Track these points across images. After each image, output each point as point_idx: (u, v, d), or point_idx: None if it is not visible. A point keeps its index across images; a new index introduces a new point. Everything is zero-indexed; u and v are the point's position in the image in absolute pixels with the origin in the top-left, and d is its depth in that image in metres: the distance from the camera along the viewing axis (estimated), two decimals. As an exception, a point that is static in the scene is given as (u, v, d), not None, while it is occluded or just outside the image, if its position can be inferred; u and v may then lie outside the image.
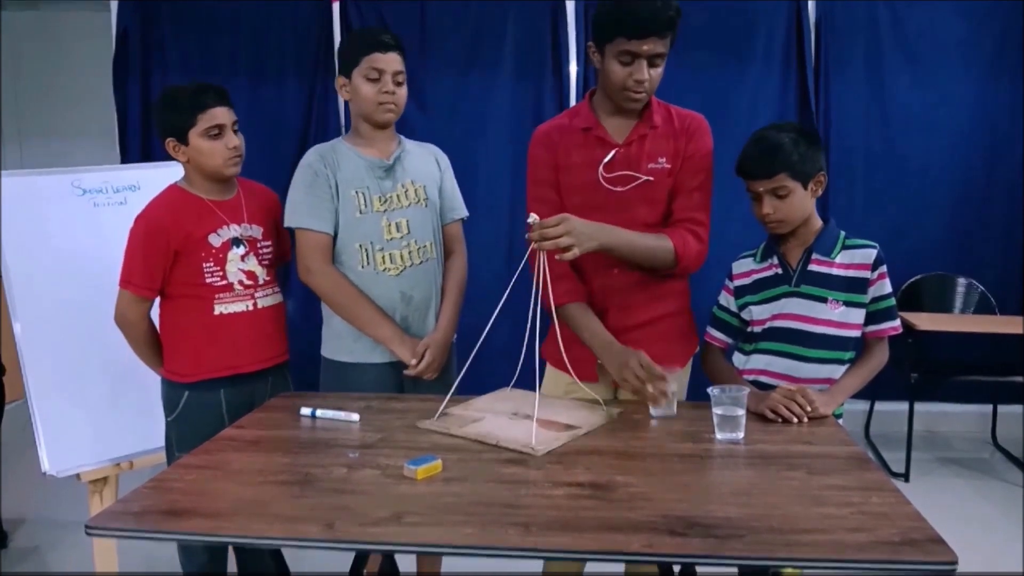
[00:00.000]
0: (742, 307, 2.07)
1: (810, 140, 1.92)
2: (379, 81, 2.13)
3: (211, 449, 1.72)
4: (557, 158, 2.03)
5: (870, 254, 1.93)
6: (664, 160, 1.98)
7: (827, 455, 1.63)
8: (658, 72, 1.89)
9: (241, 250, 2.15)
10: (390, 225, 2.19)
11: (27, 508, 3.39)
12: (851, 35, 3.98)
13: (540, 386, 2.05)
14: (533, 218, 1.77)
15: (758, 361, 2.02)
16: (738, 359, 2.09)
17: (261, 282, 2.20)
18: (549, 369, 2.15)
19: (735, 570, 1.64)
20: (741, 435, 1.72)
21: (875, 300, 1.94)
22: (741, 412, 1.72)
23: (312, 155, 2.19)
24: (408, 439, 1.76)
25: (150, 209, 2.12)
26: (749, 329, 2.07)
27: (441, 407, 1.92)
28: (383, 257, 2.18)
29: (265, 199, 2.26)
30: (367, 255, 2.17)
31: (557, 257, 1.77)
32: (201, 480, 1.55)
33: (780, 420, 1.81)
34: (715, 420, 1.73)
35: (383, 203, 2.19)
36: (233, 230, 2.15)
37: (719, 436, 1.72)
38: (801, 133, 1.92)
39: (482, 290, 2.34)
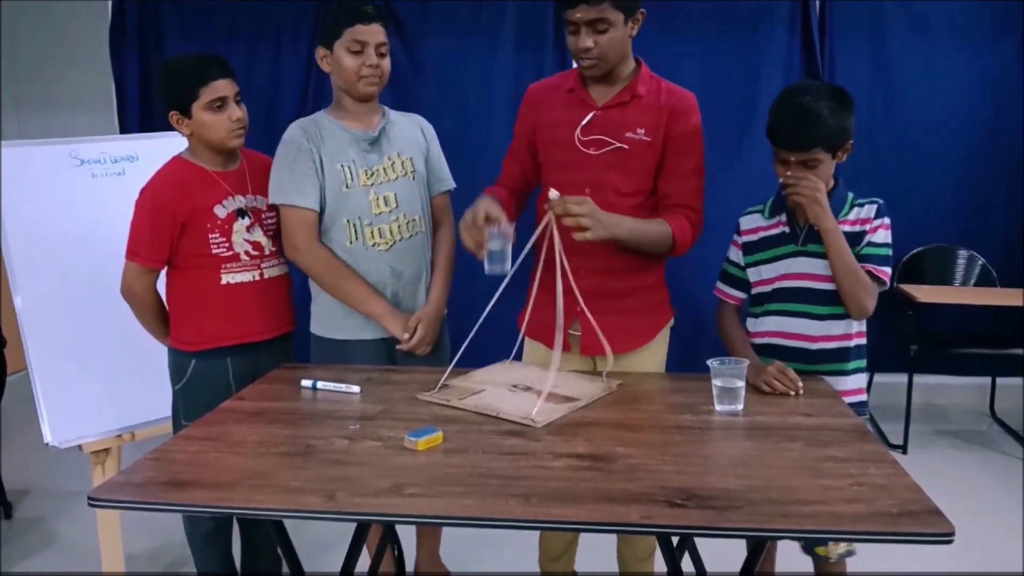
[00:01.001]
0: (749, 265, 2.05)
1: (844, 106, 1.87)
2: (362, 54, 2.09)
3: (212, 420, 1.73)
4: (539, 115, 2.10)
5: (871, 209, 1.94)
6: (643, 132, 1.98)
7: (826, 427, 1.64)
8: (608, 39, 1.90)
9: (246, 221, 2.15)
10: (377, 199, 2.16)
11: (31, 479, 3.41)
12: (856, 4, 3.94)
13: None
14: (554, 194, 1.78)
15: (769, 323, 2.01)
16: (750, 323, 2.07)
17: (267, 252, 2.20)
18: (527, 341, 2.18)
19: (732, 539, 1.65)
20: (740, 407, 1.72)
21: (867, 245, 1.93)
22: (740, 384, 1.72)
23: (294, 130, 2.16)
24: (408, 411, 1.77)
25: (156, 181, 2.11)
26: (755, 290, 2.05)
27: (442, 379, 1.92)
28: (372, 232, 2.16)
29: (269, 169, 2.24)
30: (355, 230, 2.15)
31: (575, 236, 1.78)
32: (203, 451, 1.56)
33: (776, 393, 1.82)
34: (714, 392, 1.74)
35: (369, 176, 2.16)
36: (238, 201, 2.15)
37: (718, 408, 1.73)
38: (837, 99, 1.87)
39: (477, 263, 2.32)
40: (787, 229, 1.99)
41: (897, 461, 1.46)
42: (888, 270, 1.94)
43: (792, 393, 1.81)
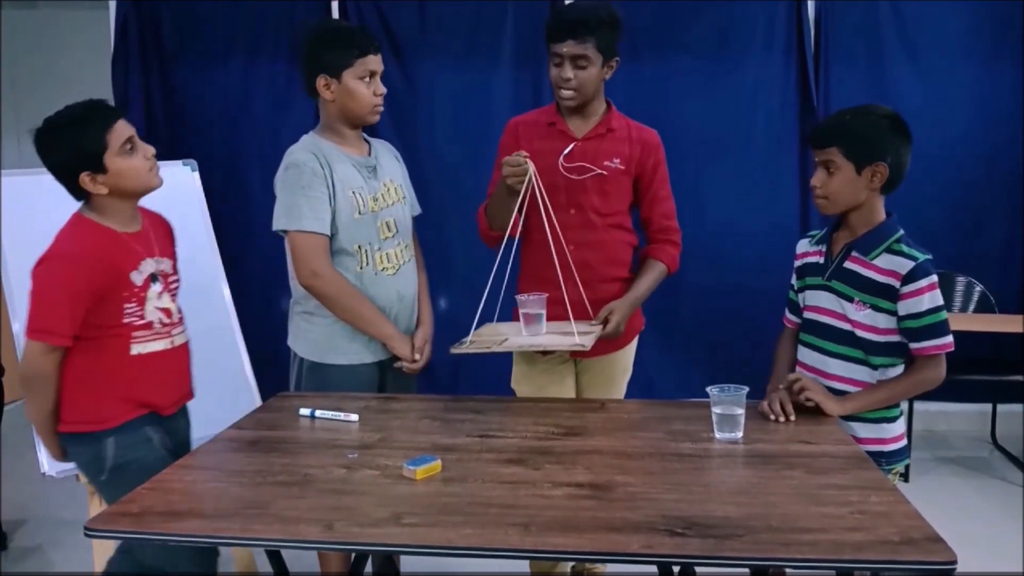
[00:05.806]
0: (800, 289, 2.04)
1: (889, 128, 1.83)
2: (371, 83, 2.15)
3: (210, 450, 1.72)
4: (522, 146, 2.18)
5: (906, 265, 1.81)
6: (618, 161, 2.22)
7: (826, 454, 1.63)
8: (587, 75, 2.12)
9: (158, 286, 1.96)
10: (382, 225, 2.21)
11: (27, 509, 3.38)
12: (851, 28, 3.95)
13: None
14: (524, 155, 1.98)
15: (799, 352, 2.01)
16: None
17: (175, 319, 2.02)
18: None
19: (734, 568, 1.64)
20: (740, 434, 1.72)
21: (913, 316, 1.82)
22: (740, 411, 1.72)
23: (303, 155, 2.13)
24: (407, 439, 1.76)
25: (69, 249, 1.86)
26: (803, 315, 2.03)
27: (470, 335, 1.92)
28: (381, 257, 2.19)
29: (165, 229, 2.10)
30: (366, 256, 2.18)
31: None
32: (200, 481, 1.55)
33: (773, 419, 1.82)
34: (714, 419, 1.73)
35: (376, 202, 2.20)
36: (149, 265, 1.95)
37: (718, 435, 1.73)
38: (884, 119, 1.84)
39: (477, 282, 2.32)
40: (822, 260, 1.96)
41: (898, 488, 1.46)
42: (948, 339, 1.85)
43: (783, 419, 1.81)
